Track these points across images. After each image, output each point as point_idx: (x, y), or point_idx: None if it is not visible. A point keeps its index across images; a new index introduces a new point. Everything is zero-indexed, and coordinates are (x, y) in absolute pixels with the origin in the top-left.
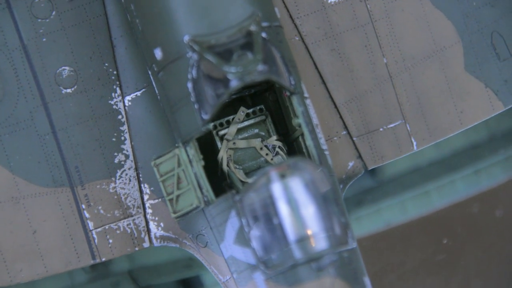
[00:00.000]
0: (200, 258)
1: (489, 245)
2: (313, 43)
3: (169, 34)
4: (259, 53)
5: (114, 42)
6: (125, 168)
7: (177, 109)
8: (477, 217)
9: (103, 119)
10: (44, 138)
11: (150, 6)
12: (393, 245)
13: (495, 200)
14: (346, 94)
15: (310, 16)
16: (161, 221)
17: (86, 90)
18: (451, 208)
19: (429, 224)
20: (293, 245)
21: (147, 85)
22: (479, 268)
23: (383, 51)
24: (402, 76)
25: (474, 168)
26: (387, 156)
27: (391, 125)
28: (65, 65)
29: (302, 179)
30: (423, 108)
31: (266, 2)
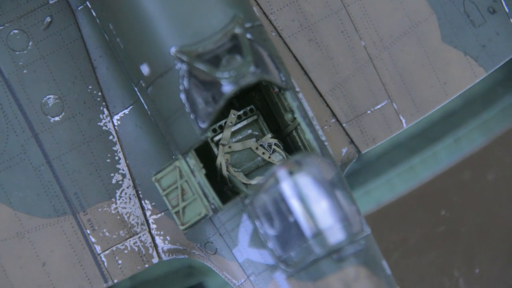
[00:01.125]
0: (210, 265)
1: (487, 209)
2: (290, 36)
3: (154, 49)
4: (249, 54)
5: (94, 63)
6: (124, 187)
7: (172, 121)
8: (470, 184)
9: (94, 142)
10: (40, 169)
11: (130, 23)
12: (392, 224)
13: (484, 164)
14: (330, 82)
15: (283, 10)
16: (167, 234)
17: (73, 115)
18: (443, 179)
19: (424, 198)
20: (312, 240)
21: (134, 101)
22: (480, 233)
23: (359, 34)
24: (382, 56)
25: (454, 136)
26: (379, 137)
27: (378, 106)
28: (49, 93)
29: (311, 173)
30: (407, 85)
31: (245, 2)
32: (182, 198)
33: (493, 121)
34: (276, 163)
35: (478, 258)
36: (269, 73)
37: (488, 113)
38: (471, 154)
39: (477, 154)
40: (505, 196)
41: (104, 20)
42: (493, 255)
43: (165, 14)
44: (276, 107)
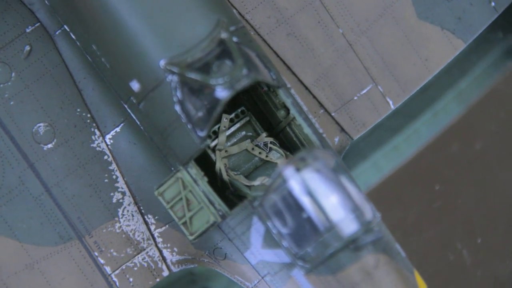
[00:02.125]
0: (221, 271)
1: (480, 178)
2: (268, 33)
3: (142, 64)
4: (240, 58)
5: (80, 86)
6: (125, 205)
7: (169, 134)
8: (459, 155)
9: (90, 164)
10: (40, 198)
11: (114, 42)
12: (388, 206)
13: (470, 134)
14: (313, 74)
15: (258, 8)
16: (174, 246)
17: (66, 140)
18: (433, 154)
19: (417, 176)
20: (327, 234)
21: (124, 118)
22: (477, 202)
23: (336, 22)
24: (361, 41)
25: (432, 110)
26: (368, 121)
27: (363, 91)
28: (39, 122)
29: (317, 167)
30: (389, 66)
31: (225, 6)
32: (188, 208)
33: (468, 90)
34: (274, 161)
35: (478, 227)
36: (261, 73)
37: (463, 82)
38: (450, 125)
39: (461, 125)
40: (495, 162)
41: (86, 41)
42: (493, 223)
43: (149, 29)
44: (266, 105)
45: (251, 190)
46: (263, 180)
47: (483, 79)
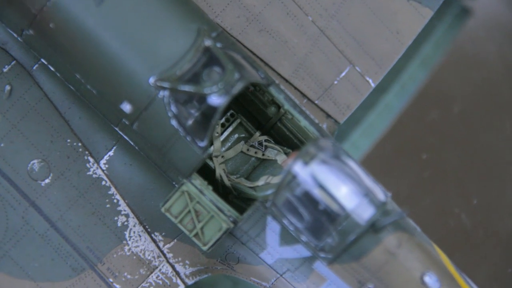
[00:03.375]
0: (235, 275)
1: (464, 141)
2: (241, 33)
3: (131, 85)
4: (229, 62)
5: (66, 116)
6: (131, 227)
7: (168, 149)
8: (440, 122)
9: (89, 192)
10: (46, 235)
11: (99, 68)
12: (378, 181)
13: (446, 98)
14: (291, 65)
15: (227, 10)
16: (185, 259)
17: (62, 173)
18: (414, 124)
19: (402, 148)
20: (345, 222)
21: (116, 141)
22: (466, 165)
23: (304, 11)
24: (332, 26)
25: (400, 82)
26: (352, 103)
27: (342, 74)
28: (32, 159)
29: (324, 157)
30: (363, 46)
31: (201, 13)
32: (198, 219)
33: (431, 55)
34: (272, 158)
35: (471, 189)
36: (251, 74)
37: (425, 48)
38: (427, 93)
39: (436, 92)
40: (476, 123)
41: (68, 71)
42: (484, 182)
43: (132, 51)
44: (253, 105)
45: (256, 190)
46: (267, 179)
47: (443, 42)
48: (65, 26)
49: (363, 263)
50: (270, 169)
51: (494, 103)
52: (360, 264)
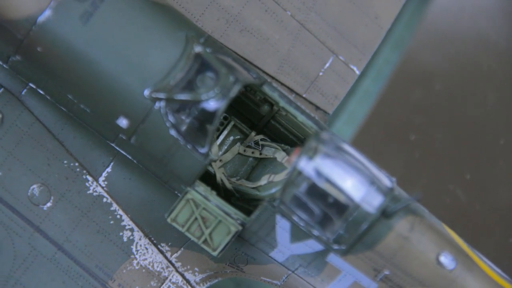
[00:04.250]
0: (245, 277)
1: (450, 117)
2: (222, 35)
3: (126, 100)
4: (222, 66)
5: (60, 138)
6: (136, 241)
7: (169, 159)
8: (424, 101)
9: (92, 211)
10: (55, 258)
11: (91, 87)
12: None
13: (427, 77)
14: (275, 62)
15: (205, 14)
16: (194, 266)
17: (62, 195)
18: (399, 107)
19: (389, 131)
20: (356, 212)
21: (113, 157)
22: (455, 141)
23: (282, 6)
24: (311, 18)
25: (375, 67)
26: (340, 92)
27: (326, 65)
28: (31, 184)
29: (328, 150)
30: (343, 35)
31: (187, 20)
32: (205, 225)
33: (402, 35)
34: (270, 157)
35: (463, 164)
36: (244, 76)
37: (396, 30)
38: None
39: (415, 71)
40: (459, 97)
41: (59, 93)
42: (475, 156)
43: (123, 66)
44: (244, 105)
45: (260, 190)
46: (269, 178)
47: (413, 21)
48: (53, 48)
49: (377, 251)
50: (270, 168)
51: (474, 76)
52: (375, 252)
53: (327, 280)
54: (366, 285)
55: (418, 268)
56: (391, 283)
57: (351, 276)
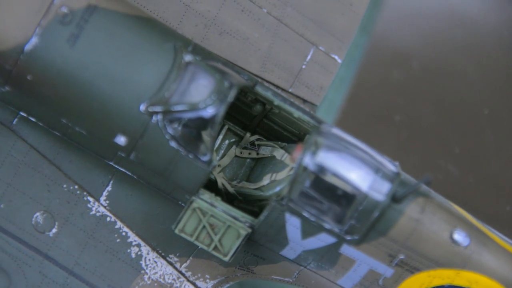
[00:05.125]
0: (256, 277)
1: (432, 93)
2: (202, 41)
3: (122, 117)
4: (215, 72)
5: (56, 162)
6: (145, 255)
7: (171, 171)
8: (402, 80)
9: (97, 231)
10: (67, 283)
11: (85, 109)
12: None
13: (402, 56)
14: (257, 60)
15: (183, 21)
16: (205, 273)
17: (66, 219)
18: (379, 89)
19: (374, 115)
20: (366, 201)
21: (112, 175)
22: (439, 118)
23: (257, 4)
24: (287, 13)
25: (347, 53)
26: (324, 83)
27: (308, 57)
28: (34, 212)
29: (330, 143)
30: (321, 25)
31: (172, 31)
32: (214, 232)
33: (369, 16)
34: (268, 155)
35: (451, 139)
36: (237, 79)
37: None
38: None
39: (390, 52)
40: (439, 72)
41: (52, 119)
42: (462, 129)
43: (115, 83)
44: (236, 107)
45: (263, 190)
46: (272, 177)
47: (378, 2)
48: (43, 75)
49: (390, 236)
50: (270, 167)
51: (450, 50)
52: (388, 238)
53: (341, 271)
54: (382, 271)
55: (433, 249)
56: (407, 267)
57: (366, 265)
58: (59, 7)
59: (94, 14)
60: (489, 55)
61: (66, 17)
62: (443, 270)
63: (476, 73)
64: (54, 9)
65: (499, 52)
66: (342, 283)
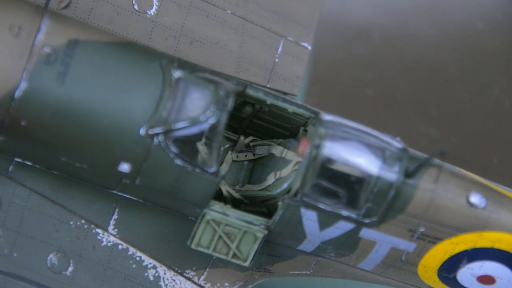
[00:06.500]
0: (274, 276)
1: (399, 61)
2: (175, 52)
3: (123, 145)
4: (208, 83)
5: (59, 201)
6: (162, 276)
7: (179, 188)
8: (368, 54)
9: (112, 261)
10: None
11: (84, 143)
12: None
13: (360, 29)
14: (231, 62)
15: (152, 37)
16: (224, 282)
17: (80, 255)
18: (347, 67)
19: (347, 94)
20: (379, 184)
21: (116, 203)
22: (411, 84)
23: (220, 7)
24: (250, 9)
25: None
26: (299, 72)
27: (279, 50)
28: (48, 255)
29: (334, 131)
30: (285, 16)
31: (154, 50)
32: (230, 240)
33: None
34: (266, 154)
35: (426, 103)
36: (229, 86)
37: None
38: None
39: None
40: (400, 38)
41: (50, 159)
42: (435, 91)
43: (110, 113)
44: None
45: (270, 190)
46: (276, 175)
47: None
48: (38, 118)
49: (408, 212)
50: (271, 165)
51: (409, 15)
52: (406, 214)
53: (362, 254)
54: (404, 247)
55: (452, 216)
56: (429, 238)
57: (387, 244)
58: (41, 48)
59: (77, 48)
60: (446, 13)
61: (50, 57)
62: (465, 234)
63: (437, 32)
64: (36, 51)
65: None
66: (364, 265)
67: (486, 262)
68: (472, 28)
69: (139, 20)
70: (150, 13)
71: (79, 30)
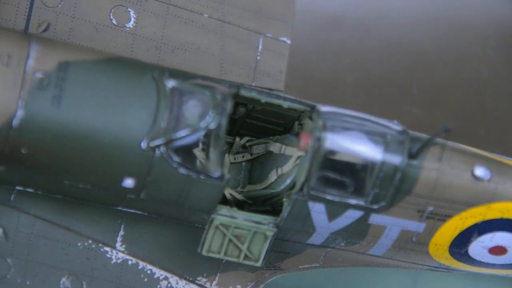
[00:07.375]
0: (284, 273)
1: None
2: (158, 62)
3: (125, 161)
4: (203, 89)
5: (64, 224)
6: (174, 286)
7: (185, 198)
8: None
9: (123, 277)
10: None
11: (86, 164)
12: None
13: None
14: (214, 65)
15: (134, 50)
16: (235, 284)
17: (91, 275)
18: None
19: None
20: (384, 168)
21: (121, 219)
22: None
23: (197, 12)
24: (226, 11)
25: None
26: (282, 67)
27: (259, 47)
28: (60, 279)
29: (332, 122)
30: (261, 13)
31: (143, 62)
32: (240, 242)
33: None
34: (263, 152)
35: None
36: (223, 89)
37: None
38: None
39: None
40: (370, 20)
41: (52, 184)
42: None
43: (109, 131)
44: None
45: (273, 187)
46: (278, 172)
47: None
48: (38, 144)
49: (415, 193)
50: (270, 163)
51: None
52: (414, 195)
53: (373, 240)
54: (414, 228)
55: (459, 192)
56: (438, 216)
57: (397, 227)
58: (33, 74)
59: (68, 70)
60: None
61: (43, 81)
62: (473, 208)
63: (407, 12)
64: (29, 77)
65: None
66: (374, 251)
67: (496, 233)
68: (443, 3)
69: (119, 35)
70: (129, 26)
71: (67, 51)
